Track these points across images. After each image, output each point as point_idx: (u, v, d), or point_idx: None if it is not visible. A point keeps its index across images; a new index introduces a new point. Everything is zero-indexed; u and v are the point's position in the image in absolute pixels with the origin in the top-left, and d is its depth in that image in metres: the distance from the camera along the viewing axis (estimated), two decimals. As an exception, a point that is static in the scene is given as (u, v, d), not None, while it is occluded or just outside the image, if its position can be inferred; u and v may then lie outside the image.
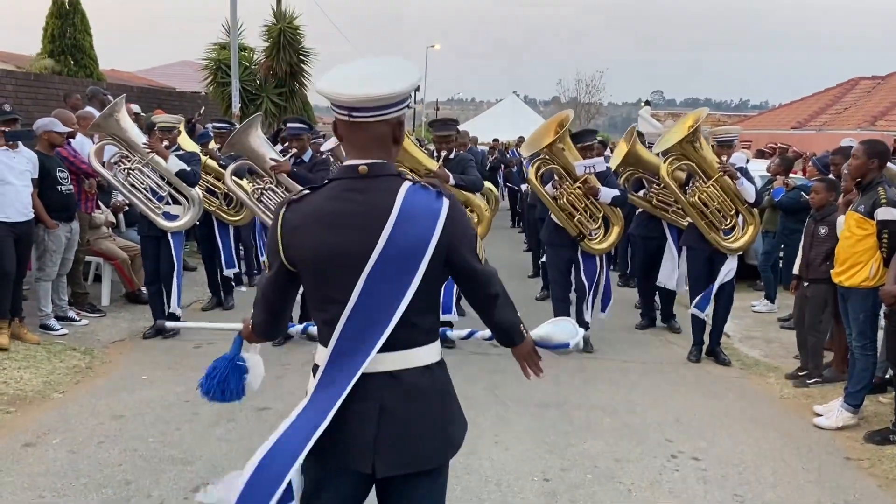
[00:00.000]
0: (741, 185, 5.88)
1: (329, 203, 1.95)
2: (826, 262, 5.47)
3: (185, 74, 27.76)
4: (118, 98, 6.22)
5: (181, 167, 6.09)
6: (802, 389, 5.54)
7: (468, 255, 2.02)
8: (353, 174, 1.95)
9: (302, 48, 16.91)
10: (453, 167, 5.99)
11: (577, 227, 6.12)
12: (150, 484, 3.74)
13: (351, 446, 1.97)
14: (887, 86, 20.14)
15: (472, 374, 5.58)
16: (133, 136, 6.16)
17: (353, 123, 1.91)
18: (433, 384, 2.03)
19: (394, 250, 1.89)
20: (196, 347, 6.13)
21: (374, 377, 1.95)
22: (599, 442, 4.43)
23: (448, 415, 2.08)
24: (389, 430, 1.95)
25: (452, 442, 2.09)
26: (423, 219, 1.92)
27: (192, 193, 6.34)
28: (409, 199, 1.92)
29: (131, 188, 6.21)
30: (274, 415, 4.67)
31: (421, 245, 1.91)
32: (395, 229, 1.89)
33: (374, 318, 1.93)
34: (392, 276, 1.91)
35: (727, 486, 3.93)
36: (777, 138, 15.10)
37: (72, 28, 14.62)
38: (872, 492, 3.95)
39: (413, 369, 1.99)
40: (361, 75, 1.95)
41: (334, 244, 1.92)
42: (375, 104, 1.88)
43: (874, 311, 4.80)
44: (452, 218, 1.96)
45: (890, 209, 4.54)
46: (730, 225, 6.06)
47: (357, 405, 1.95)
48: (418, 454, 1.99)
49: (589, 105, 46.97)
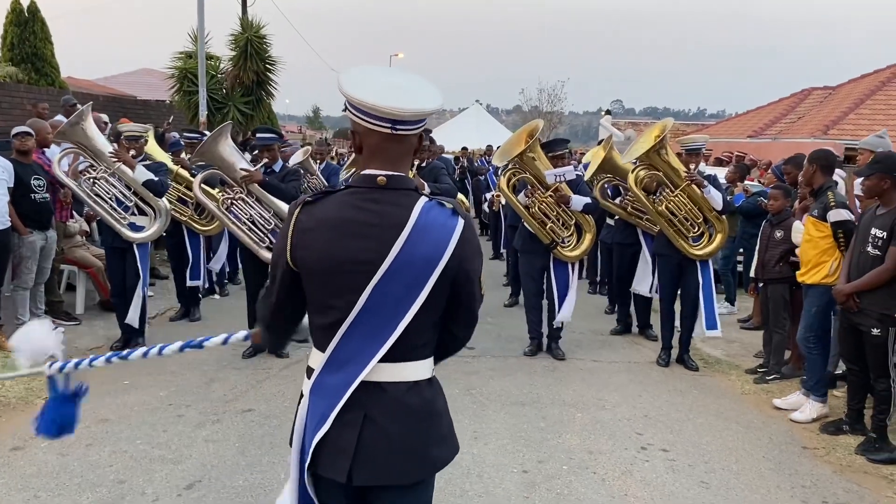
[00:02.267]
0: (708, 192, 6.01)
1: (344, 210, 1.95)
2: (780, 263, 5.80)
3: (147, 83, 27.47)
4: (84, 106, 6.07)
5: (148, 177, 5.97)
6: (762, 385, 5.83)
7: (474, 282, 2.02)
8: (371, 184, 1.95)
9: (269, 57, 16.96)
10: (425, 176, 6.09)
11: (550, 234, 6.24)
12: (143, 482, 3.85)
13: (332, 453, 1.96)
14: (838, 96, 20.83)
15: (449, 375, 5.75)
16: (99, 145, 6.01)
17: (393, 136, 1.91)
18: (420, 401, 2.00)
19: (405, 262, 1.90)
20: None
21: (362, 386, 1.94)
22: (573, 436, 4.65)
23: (433, 433, 2.02)
24: (370, 440, 1.94)
25: (435, 462, 2.03)
26: (437, 234, 1.92)
27: (159, 204, 6.18)
28: (425, 214, 1.93)
29: (96, 198, 6.04)
30: (257, 416, 4.80)
31: (433, 260, 1.91)
32: (409, 242, 1.90)
33: (376, 328, 1.93)
34: (400, 288, 1.91)
35: (694, 475, 4.17)
36: (734, 147, 15.58)
37: (31, 36, 14.50)
38: (827, 477, 4.23)
39: (402, 383, 1.97)
40: (400, 88, 1.95)
41: (345, 251, 1.91)
42: (421, 118, 1.93)
43: (826, 309, 5.10)
44: (466, 239, 1.96)
45: (840, 210, 4.86)
46: (698, 232, 6.18)
47: (344, 413, 1.94)
48: (395, 468, 1.95)
49: (551, 114, 47.47)
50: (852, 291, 4.53)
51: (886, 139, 5.80)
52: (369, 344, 1.93)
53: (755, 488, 4.04)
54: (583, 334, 7.13)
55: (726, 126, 25.51)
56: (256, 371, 5.76)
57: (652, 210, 6.23)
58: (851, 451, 4.56)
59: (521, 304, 7.43)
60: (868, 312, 4.48)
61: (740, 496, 3.94)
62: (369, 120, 1.90)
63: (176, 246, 7.46)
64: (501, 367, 6.09)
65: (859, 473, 4.29)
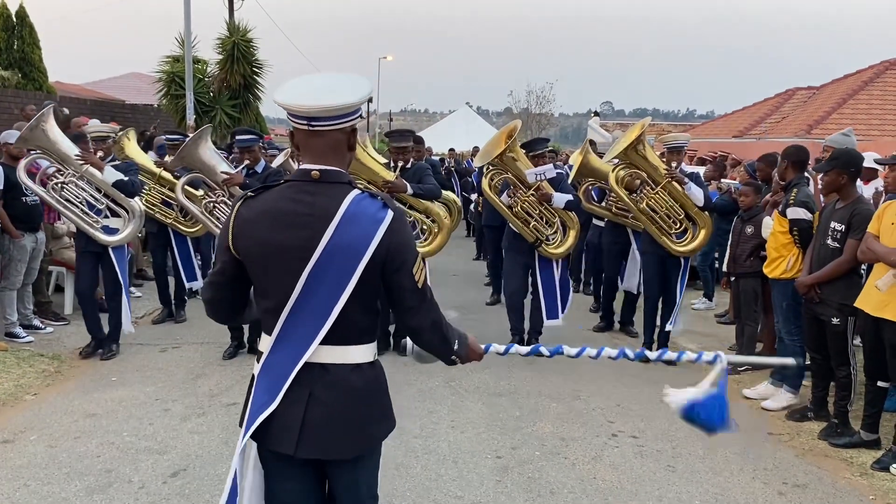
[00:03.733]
0: (689, 189, 6.14)
1: (281, 202, 2.10)
2: (751, 257, 5.98)
3: (135, 87, 27.51)
4: (44, 108, 5.82)
5: (118, 177, 5.82)
6: (734, 376, 5.99)
7: (402, 272, 2.11)
8: (306, 178, 2.10)
9: (255, 60, 17.11)
10: (410, 177, 6.17)
11: (534, 233, 6.34)
12: (129, 471, 3.99)
13: (280, 428, 2.10)
14: (822, 96, 21.10)
15: (430, 369, 5.89)
16: (64, 149, 5.77)
17: (311, 132, 2.07)
18: (361, 382, 2.14)
19: (334, 250, 2.04)
20: (162, 351, 6.35)
21: (308, 367, 2.09)
22: (547, 424, 4.82)
23: (371, 412, 2.18)
24: (314, 416, 2.09)
25: (370, 438, 2.21)
26: (365, 224, 2.05)
27: (131, 205, 6.03)
28: (355, 204, 2.07)
29: (66, 203, 5.84)
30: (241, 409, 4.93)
31: (360, 248, 2.04)
32: (337, 231, 2.04)
33: (314, 313, 2.07)
34: (332, 274, 2.05)
35: (662, 459, 4.35)
36: (719, 147, 15.79)
37: (20, 41, 14.59)
38: (790, 460, 4.41)
39: (344, 365, 2.12)
40: (318, 88, 2.10)
41: (280, 239, 2.06)
42: (333, 114, 2.04)
43: (795, 300, 5.27)
44: (394, 229, 2.07)
45: (796, 209, 5.04)
46: (680, 229, 6.28)
47: (290, 391, 2.09)
48: (334, 443, 2.12)
49: (540, 116, 47.74)
50: (813, 283, 4.71)
51: (852, 137, 5.98)
52: (309, 326, 2.09)
53: (719, 471, 4.21)
54: (563, 329, 7.28)
55: (712, 126, 25.78)
56: (241, 367, 5.89)
57: (634, 208, 6.35)
58: (815, 437, 4.75)
59: (502, 302, 7.58)
60: (828, 303, 4.67)
61: (704, 478, 4.11)
62: (290, 119, 2.10)
63: (160, 248, 7.47)
64: (482, 361, 6.22)
65: (820, 457, 4.48)
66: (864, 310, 4.36)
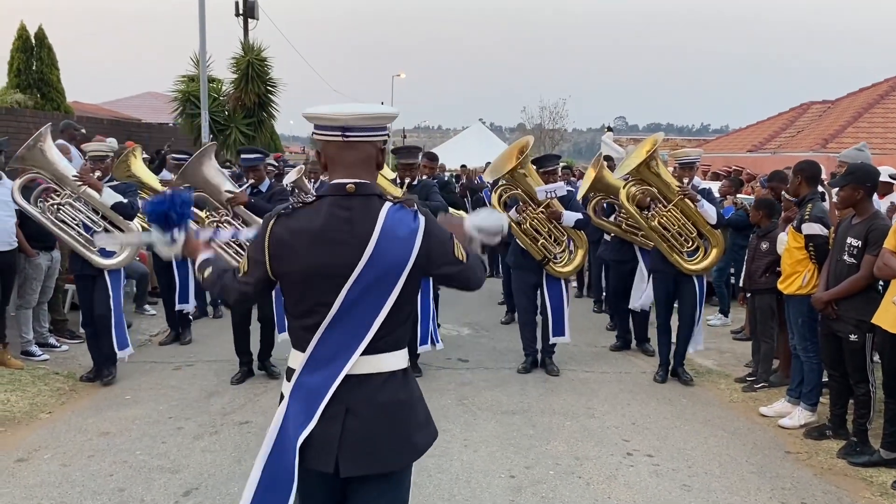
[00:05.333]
0: (701, 207, 5.97)
1: (318, 219, 2.10)
2: (766, 274, 5.92)
3: (151, 106, 27.82)
4: (42, 128, 5.60)
5: (117, 199, 5.65)
6: (750, 393, 5.94)
7: (444, 265, 2.18)
8: (341, 192, 2.11)
9: (270, 79, 17.25)
10: (417, 194, 6.06)
11: (542, 251, 6.28)
12: (142, 490, 3.99)
13: (318, 447, 2.08)
14: (837, 110, 21.01)
15: (442, 387, 5.91)
16: (61, 169, 5.62)
17: (345, 143, 2.09)
18: (397, 390, 2.13)
19: (375, 266, 2.06)
20: (175, 369, 6.37)
21: (344, 380, 2.09)
22: (561, 443, 4.77)
23: (412, 420, 2.16)
24: (353, 431, 2.07)
25: (415, 448, 2.18)
26: (403, 237, 2.08)
27: (130, 227, 5.78)
28: (391, 218, 2.09)
29: (62, 225, 5.66)
30: (255, 427, 4.93)
31: (401, 262, 2.08)
32: (378, 246, 2.06)
33: (353, 327, 2.08)
34: (373, 289, 2.07)
35: (677, 478, 4.29)
36: (733, 161, 15.75)
37: (38, 62, 14.80)
38: (808, 480, 4.34)
39: (378, 374, 2.11)
40: (348, 104, 2.20)
41: (321, 258, 2.07)
42: (367, 124, 2.09)
43: (811, 316, 5.21)
44: (428, 234, 2.12)
45: (812, 224, 4.98)
46: (692, 247, 6.11)
47: (327, 408, 2.08)
48: (379, 456, 2.09)
49: (553, 131, 47.76)
50: (830, 299, 4.65)
51: (866, 152, 5.94)
52: (347, 342, 2.09)
53: (735, 490, 4.15)
54: (577, 347, 7.25)
55: (726, 141, 25.73)
56: (254, 386, 5.90)
57: (644, 225, 6.18)
58: (833, 455, 4.67)
59: (517, 320, 7.52)
60: (846, 319, 4.61)
61: (720, 498, 4.05)
62: (323, 132, 2.11)
63: (164, 268, 7.30)
64: (494, 378, 6.22)
65: (839, 476, 4.40)
66: (882, 326, 4.31)
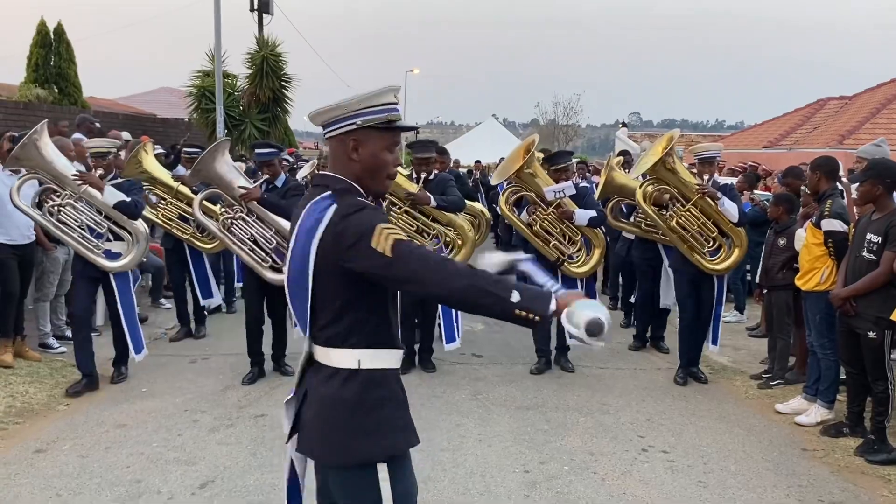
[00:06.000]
0: (722, 205, 5.76)
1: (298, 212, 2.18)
2: (783, 270, 5.88)
3: (166, 101, 28.03)
4: (38, 125, 5.31)
5: (120, 198, 5.45)
6: (766, 390, 5.91)
7: (358, 259, 1.96)
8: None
9: (284, 74, 17.32)
10: (433, 188, 6.05)
11: (555, 252, 6.09)
12: (158, 482, 4.02)
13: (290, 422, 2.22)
14: (854, 106, 20.82)
15: (457, 381, 5.92)
16: (60, 168, 5.38)
17: (327, 140, 2.16)
18: (341, 388, 2.07)
19: (294, 258, 2.13)
20: (192, 362, 6.41)
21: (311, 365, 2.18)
22: (575, 439, 4.77)
23: (351, 424, 2.07)
24: (306, 412, 2.15)
25: (350, 452, 2.06)
26: (308, 227, 2.07)
27: (135, 227, 5.59)
28: (309, 208, 2.10)
29: (63, 227, 5.41)
30: (270, 420, 4.95)
31: (305, 254, 2.06)
32: (295, 238, 2.12)
33: (299, 313, 2.16)
34: (298, 282, 2.12)
35: (693, 475, 4.27)
36: (749, 157, 15.60)
37: (56, 57, 14.95)
38: (824, 477, 4.31)
39: (326, 367, 2.11)
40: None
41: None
42: (320, 120, 2.13)
43: (829, 313, 5.17)
44: (334, 223, 2.00)
45: (832, 220, 4.94)
46: (713, 246, 5.92)
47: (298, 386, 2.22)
48: (314, 445, 2.14)
49: (567, 127, 47.63)
50: (848, 296, 4.62)
51: (884, 147, 5.88)
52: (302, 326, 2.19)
53: (752, 487, 4.13)
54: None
55: (742, 137, 25.54)
56: (270, 379, 5.93)
57: (663, 225, 5.98)
58: (851, 453, 4.63)
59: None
60: (864, 316, 4.57)
61: (736, 495, 4.04)
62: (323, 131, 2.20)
63: (176, 264, 7.26)
64: (508, 373, 6.21)
65: (857, 474, 4.37)
66: (901, 324, 4.27)
